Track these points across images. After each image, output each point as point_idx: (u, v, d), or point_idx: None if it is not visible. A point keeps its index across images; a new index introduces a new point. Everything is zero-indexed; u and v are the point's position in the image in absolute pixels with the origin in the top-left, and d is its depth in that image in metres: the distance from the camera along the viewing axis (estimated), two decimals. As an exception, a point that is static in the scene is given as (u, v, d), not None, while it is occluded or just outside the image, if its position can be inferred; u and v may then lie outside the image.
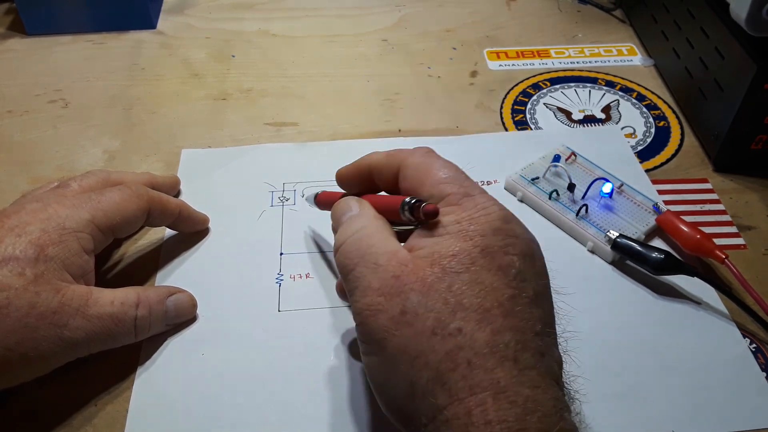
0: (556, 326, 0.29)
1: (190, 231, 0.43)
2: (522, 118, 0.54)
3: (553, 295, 0.29)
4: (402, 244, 0.30)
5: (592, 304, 0.39)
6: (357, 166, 0.36)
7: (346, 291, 0.30)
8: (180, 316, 0.38)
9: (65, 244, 0.34)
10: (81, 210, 0.35)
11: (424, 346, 0.26)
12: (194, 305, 0.39)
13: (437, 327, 0.26)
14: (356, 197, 0.34)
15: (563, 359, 0.29)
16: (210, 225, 0.44)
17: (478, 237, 0.28)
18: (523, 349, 0.26)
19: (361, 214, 0.32)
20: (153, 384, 0.36)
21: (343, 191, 0.38)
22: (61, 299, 0.32)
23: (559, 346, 0.29)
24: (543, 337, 0.27)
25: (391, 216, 0.32)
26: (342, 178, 0.37)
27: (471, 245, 0.28)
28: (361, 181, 0.36)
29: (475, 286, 0.27)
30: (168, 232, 0.44)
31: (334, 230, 0.33)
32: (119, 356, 0.36)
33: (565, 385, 0.28)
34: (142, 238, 0.44)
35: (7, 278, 0.31)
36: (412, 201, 0.30)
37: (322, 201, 0.40)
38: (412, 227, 0.31)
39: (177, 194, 0.47)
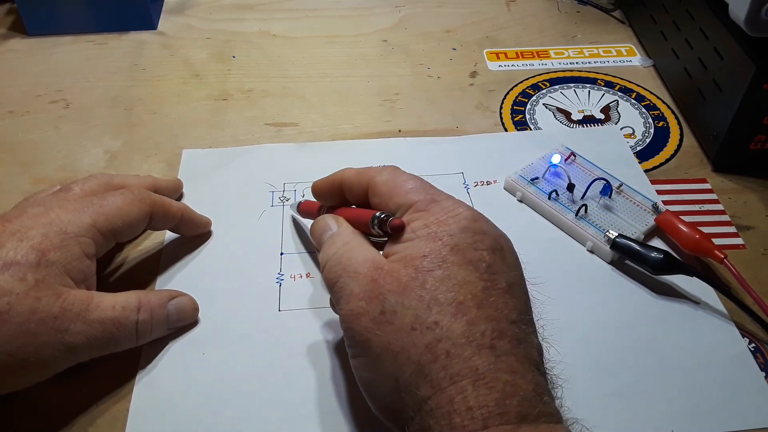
0: (534, 315, 0.30)
1: (192, 234, 0.43)
2: (521, 118, 0.55)
3: (529, 287, 0.30)
4: (381, 252, 0.32)
5: (591, 304, 0.40)
6: (330, 181, 0.37)
7: (333, 302, 0.32)
8: (181, 320, 0.38)
9: (67, 248, 0.34)
10: (83, 214, 0.35)
11: (404, 341, 0.27)
12: (196, 308, 0.39)
13: (415, 323, 0.27)
14: (333, 215, 0.36)
15: (543, 347, 0.29)
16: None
17: (446, 237, 0.29)
18: (499, 336, 0.27)
19: (340, 231, 0.34)
20: (154, 386, 0.36)
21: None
22: (62, 304, 0.32)
23: (539, 335, 0.30)
24: (519, 324, 0.28)
25: (363, 229, 0.33)
26: (317, 190, 0.39)
27: (440, 245, 0.29)
28: (334, 194, 0.37)
29: (448, 281, 0.28)
30: (169, 234, 0.44)
31: (317, 249, 0.35)
32: (120, 359, 0.36)
33: (547, 371, 0.29)
34: (144, 242, 0.44)
35: (8, 283, 0.31)
36: (381, 216, 0.32)
37: (304, 210, 0.42)
38: (385, 239, 0.32)
39: (179, 197, 0.47)
